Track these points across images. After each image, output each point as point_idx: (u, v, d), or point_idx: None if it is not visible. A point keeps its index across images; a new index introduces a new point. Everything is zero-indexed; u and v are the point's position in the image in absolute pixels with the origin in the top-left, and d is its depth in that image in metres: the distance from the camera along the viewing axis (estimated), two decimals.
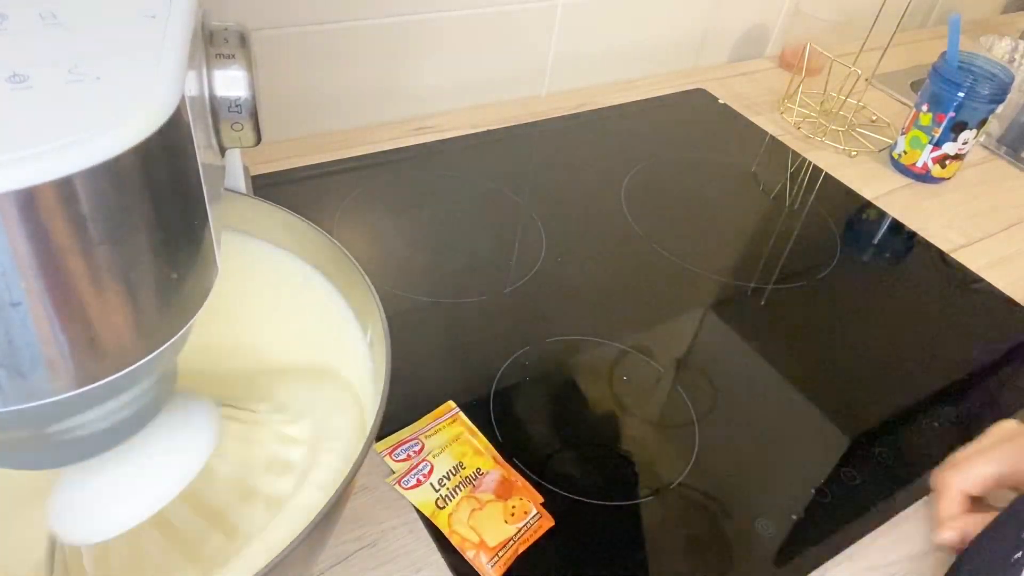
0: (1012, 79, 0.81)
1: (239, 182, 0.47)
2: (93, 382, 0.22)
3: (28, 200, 0.18)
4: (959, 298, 0.71)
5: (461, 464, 0.47)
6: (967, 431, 0.57)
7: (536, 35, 0.86)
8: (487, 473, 0.47)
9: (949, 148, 0.83)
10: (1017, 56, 1.04)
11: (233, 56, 0.26)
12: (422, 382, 0.54)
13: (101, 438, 0.28)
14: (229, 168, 0.45)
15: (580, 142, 0.84)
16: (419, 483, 0.46)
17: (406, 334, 0.57)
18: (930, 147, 0.83)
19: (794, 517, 0.49)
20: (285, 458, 0.38)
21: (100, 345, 0.22)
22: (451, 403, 0.52)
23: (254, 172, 0.69)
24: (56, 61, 0.19)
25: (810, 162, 0.87)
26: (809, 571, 0.47)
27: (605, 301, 0.64)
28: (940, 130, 0.82)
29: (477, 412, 0.52)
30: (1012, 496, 0.44)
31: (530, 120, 0.85)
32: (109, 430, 0.27)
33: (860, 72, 0.87)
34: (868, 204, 0.82)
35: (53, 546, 0.34)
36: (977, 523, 0.44)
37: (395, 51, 0.78)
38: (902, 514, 0.51)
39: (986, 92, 0.79)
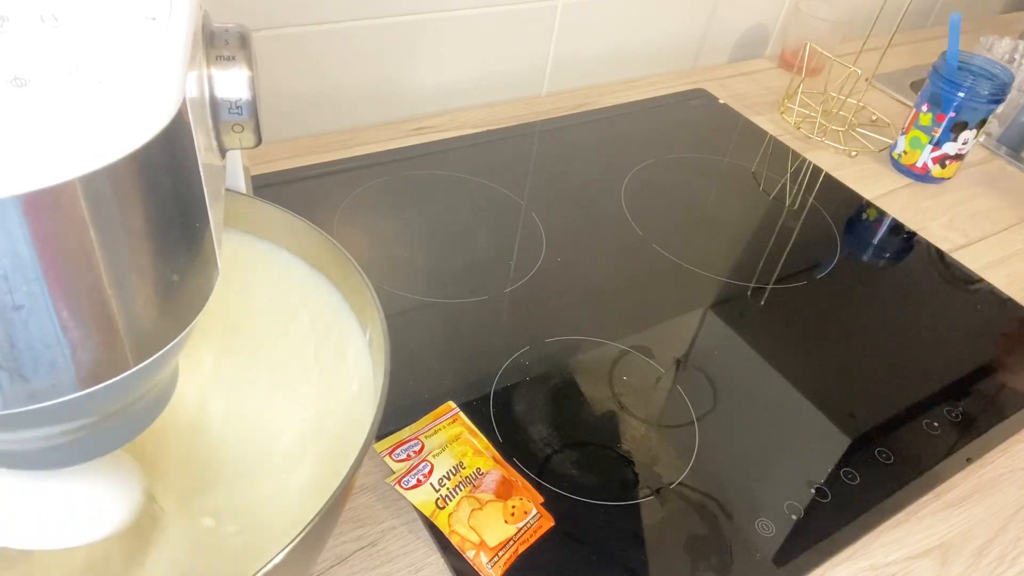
0: (1012, 79, 0.81)
1: (239, 182, 0.47)
2: (95, 385, 0.22)
3: (30, 204, 0.18)
4: (959, 298, 0.71)
5: (461, 464, 0.47)
6: (967, 431, 0.57)
7: (536, 35, 0.86)
8: (487, 473, 0.47)
9: (949, 148, 0.83)
10: (1017, 56, 1.04)
11: (234, 57, 0.26)
12: (422, 382, 0.54)
13: (102, 438, 0.28)
14: (230, 168, 0.45)
15: (580, 142, 0.84)
16: (419, 483, 0.46)
17: (406, 334, 0.57)
18: (930, 147, 0.83)
19: (794, 517, 0.49)
20: None
21: (102, 348, 0.22)
22: (451, 403, 0.52)
23: (254, 172, 0.69)
24: (57, 64, 0.19)
25: (810, 162, 0.87)
26: (809, 571, 0.47)
27: (605, 301, 0.64)
28: (940, 130, 0.82)
29: (477, 412, 0.52)
30: None
31: (530, 120, 0.85)
32: (111, 430, 0.27)
33: (860, 72, 0.87)
34: (868, 204, 0.82)
35: None
36: None
37: (395, 51, 0.78)
38: (902, 514, 0.51)
39: (986, 92, 0.79)
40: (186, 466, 0.41)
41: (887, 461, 0.54)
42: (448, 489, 0.46)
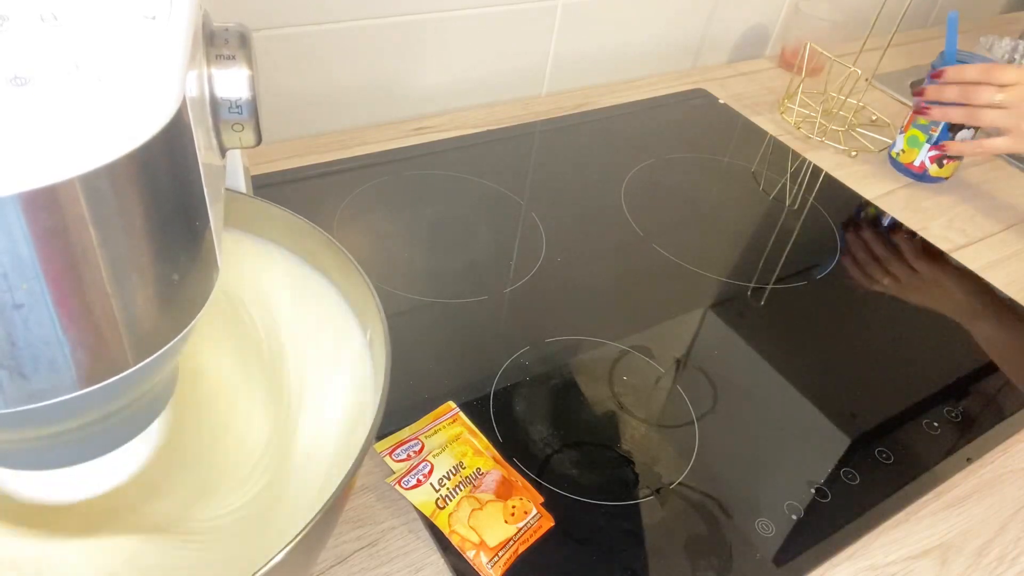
0: None
1: (240, 182, 0.47)
2: (95, 383, 0.22)
3: (30, 203, 0.18)
4: (959, 298, 0.71)
5: (461, 464, 0.47)
6: (967, 431, 0.57)
7: (536, 35, 0.86)
8: (487, 473, 0.47)
9: None
10: (1017, 56, 1.04)
11: (233, 57, 0.26)
12: (422, 382, 0.54)
13: (103, 438, 0.28)
14: (230, 168, 0.45)
15: (580, 142, 0.84)
16: (419, 483, 0.46)
17: (406, 334, 0.57)
18: (927, 146, 0.83)
19: (794, 517, 0.49)
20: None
21: (102, 347, 0.22)
22: (451, 403, 0.52)
23: (254, 172, 0.69)
24: (57, 63, 0.19)
25: (810, 162, 0.87)
26: (809, 571, 0.47)
27: (605, 301, 0.64)
28: (938, 129, 0.82)
29: (477, 412, 0.52)
30: None
31: (530, 120, 0.85)
32: (111, 430, 0.27)
33: (860, 72, 0.87)
34: (868, 204, 0.82)
35: None
36: None
37: (395, 51, 0.78)
38: (902, 514, 0.51)
39: None
40: (183, 467, 0.41)
41: (887, 461, 0.54)
42: (448, 489, 0.46)
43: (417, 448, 0.48)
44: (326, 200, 0.69)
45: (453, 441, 0.49)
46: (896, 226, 0.79)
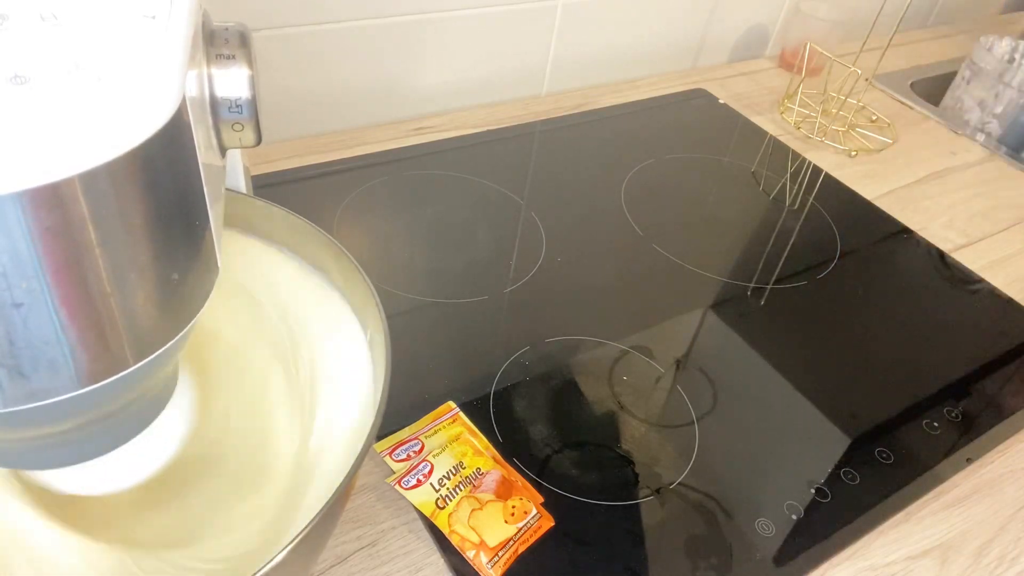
0: None
1: (240, 182, 0.47)
2: (94, 383, 0.22)
3: (29, 201, 0.18)
4: (959, 298, 0.71)
5: (461, 464, 0.47)
6: (967, 431, 0.57)
7: (536, 35, 0.86)
8: (487, 473, 0.47)
9: None
10: (1017, 56, 1.04)
11: (233, 56, 0.26)
12: (422, 382, 0.54)
13: (102, 438, 0.28)
14: (230, 168, 0.45)
15: (580, 142, 0.84)
16: (419, 483, 0.46)
17: (406, 334, 0.57)
18: None
19: (794, 517, 0.49)
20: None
21: (101, 346, 0.22)
22: (451, 403, 0.52)
23: (254, 172, 0.69)
24: (57, 62, 0.19)
25: (810, 162, 0.87)
26: (809, 571, 0.47)
27: (605, 301, 0.64)
28: None
29: (477, 412, 0.52)
30: None
31: (530, 120, 0.85)
32: (111, 430, 0.27)
33: (860, 72, 0.87)
34: (868, 204, 0.82)
35: None
36: None
37: (395, 51, 0.78)
38: (902, 514, 0.51)
39: None
40: (184, 466, 0.41)
41: (887, 461, 0.54)
42: (448, 489, 0.46)
43: (417, 448, 0.48)
44: (326, 200, 0.69)
45: (453, 441, 0.49)
46: (896, 226, 0.79)
